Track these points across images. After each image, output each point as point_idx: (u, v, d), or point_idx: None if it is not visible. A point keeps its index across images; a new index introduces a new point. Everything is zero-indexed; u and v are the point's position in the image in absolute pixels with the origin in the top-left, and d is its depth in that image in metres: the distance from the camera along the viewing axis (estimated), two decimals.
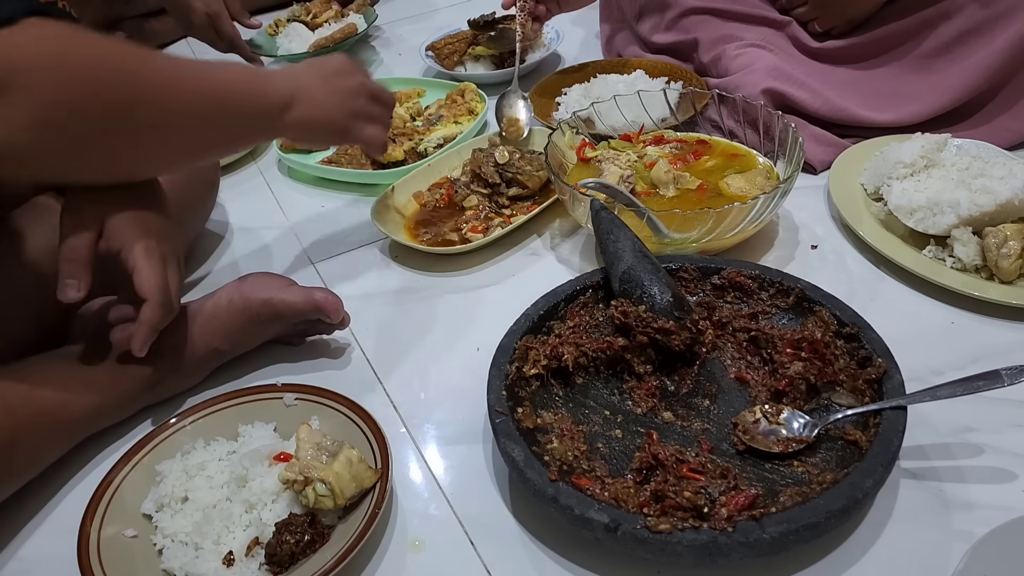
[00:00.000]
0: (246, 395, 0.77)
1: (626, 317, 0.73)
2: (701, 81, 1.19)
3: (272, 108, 0.77)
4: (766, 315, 0.78)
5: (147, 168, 0.74)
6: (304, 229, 1.08)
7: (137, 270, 0.70)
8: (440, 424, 0.78)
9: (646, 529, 0.56)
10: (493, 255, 0.98)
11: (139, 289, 0.70)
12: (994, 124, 1.05)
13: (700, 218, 0.84)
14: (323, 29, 1.56)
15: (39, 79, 0.60)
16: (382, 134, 0.88)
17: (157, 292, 0.70)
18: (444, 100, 1.31)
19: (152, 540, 0.67)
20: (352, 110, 0.84)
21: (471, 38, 1.42)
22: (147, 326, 0.71)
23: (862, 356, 0.70)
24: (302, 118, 0.79)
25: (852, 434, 0.65)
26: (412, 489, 0.72)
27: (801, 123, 1.07)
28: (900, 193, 0.89)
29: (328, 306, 0.82)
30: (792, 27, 1.19)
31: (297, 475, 0.65)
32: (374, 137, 0.87)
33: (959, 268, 0.85)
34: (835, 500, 0.57)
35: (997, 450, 0.68)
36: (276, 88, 0.78)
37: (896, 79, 1.11)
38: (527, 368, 0.72)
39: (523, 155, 1.04)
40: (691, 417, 0.70)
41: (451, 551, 0.66)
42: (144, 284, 0.70)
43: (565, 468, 0.65)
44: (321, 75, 0.83)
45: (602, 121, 1.06)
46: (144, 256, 0.70)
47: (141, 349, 0.72)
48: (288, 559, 0.63)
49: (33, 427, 0.69)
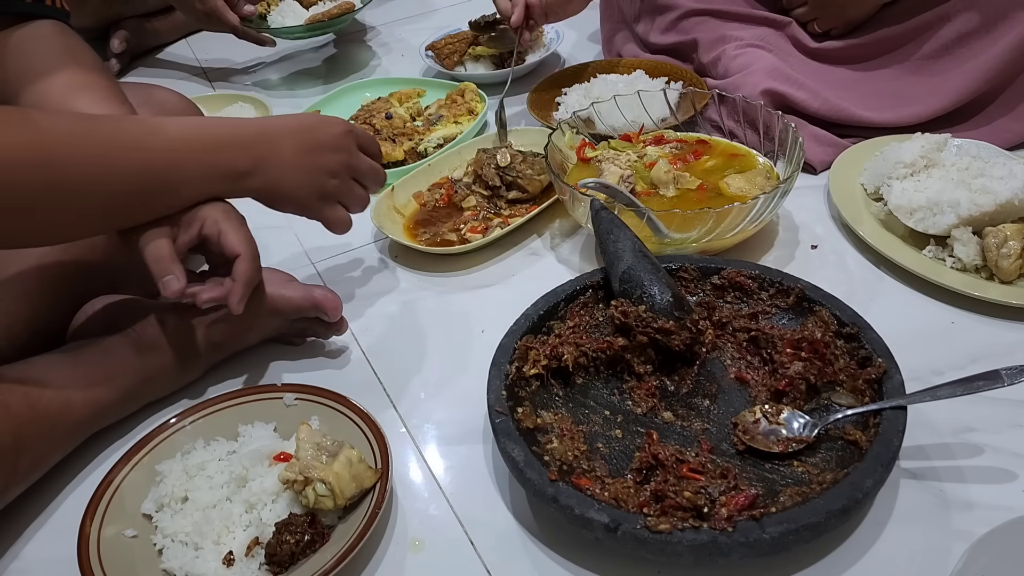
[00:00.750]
0: (246, 395, 0.77)
1: (626, 317, 0.73)
2: (701, 81, 1.19)
3: (226, 175, 0.73)
4: (766, 315, 0.78)
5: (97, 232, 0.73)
6: (304, 229, 1.07)
7: (223, 232, 0.71)
8: (440, 424, 0.78)
9: (646, 529, 0.56)
10: (493, 255, 0.98)
11: (230, 248, 0.71)
12: (994, 125, 1.05)
13: (700, 218, 0.84)
14: (318, 6, 1.53)
15: None
16: (346, 218, 0.83)
17: (247, 245, 0.72)
18: (444, 100, 1.31)
19: (152, 540, 0.67)
20: (321, 190, 0.79)
21: (471, 38, 1.42)
22: (243, 281, 0.71)
23: (862, 356, 0.70)
24: (261, 187, 0.76)
25: (852, 434, 0.65)
26: (412, 489, 0.72)
27: (801, 123, 1.07)
28: (900, 193, 0.89)
29: (327, 303, 0.82)
30: (792, 27, 1.19)
31: (297, 475, 0.65)
32: (335, 220, 0.82)
33: (959, 268, 0.85)
34: (835, 500, 0.57)
35: (997, 450, 0.68)
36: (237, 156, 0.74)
37: (896, 80, 1.11)
38: (527, 368, 0.72)
39: (525, 158, 1.04)
40: (691, 417, 0.70)
41: (451, 551, 0.66)
42: (235, 242, 0.71)
43: (565, 468, 0.65)
44: (299, 147, 0.77)
45: (602, 121, 1.07)
46: (226, 219, 0.72)
47: (239, 305, 0.71)
48: (288, 559, 0.63)
49: (37, 429, 0.69)
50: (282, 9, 1.53)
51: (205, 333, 0.81)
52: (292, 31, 1.46)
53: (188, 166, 0.71)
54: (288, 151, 0.76)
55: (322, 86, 1.48)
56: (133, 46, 1.61)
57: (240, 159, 0.74)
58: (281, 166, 0.76)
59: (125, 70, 1.61)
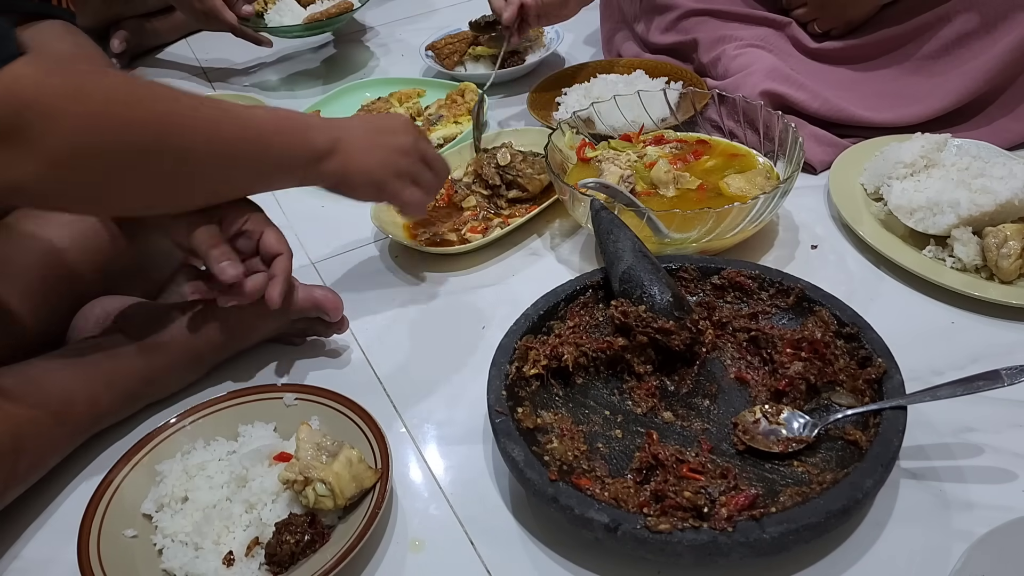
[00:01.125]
0: (246, 395, 0.77)
1: (626, 317, 0.73)
2: (701, 81, 1.19)
3: (311, 154, 0.75)
4: (766, 315, 0.78)
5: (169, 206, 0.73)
6: (304, 229, 1.07)
7: (266, 232, 0.77)
8: (440, 424, 0.78)
9: (646, 529, 0.56)
10: (493, 255, 0.98)
11: (273, 247, 0.76)
12: (994, 125, 1.05)
13: (700, 218, 0.84)
14: (316, 4, 1.52)
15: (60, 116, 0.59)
16: (422, 198, 0.84)
17: (287, 245, 0.77)
18: (444, 100, 1.31)
19: (152, 540, 0.67)
20: (396, 168, 0.81)
21: (471, 38, 1.42)
22: (283, 276, 0.76)
23: (862, 356, 0.70)
24: (339, 167, 0.77)
25: (852, 434, 0.65)
26: (412, 489, 0.72)
27: (801, 123, 1.07)
28: (900, 193, 0.89)
29: (328, 304, 0.83)
30: (792, 28, 1.19)
31: (297, 475, 0.65)
32: (413, 199, 0.83)
33: (959, 268, 0.85)
34: (835, 500, 0.57)
35: (997, 450, 0.68)
36: (317, 135, 0.76)
37: (896, 81, 1.11)
38: (527, 368, 0.72)
39: (525, 157, 1.04)
40: (691, 417, 0.70)
41: (451, 551, 0.66)
42: (277, 241, 0.77)
43: (565, 468, 0.65)
44: (369, 129, 0.81)
45: (602, 121, 1.06)
46: (266, 222, 0.77)
47: (279, 297, 0.75)
48: (288, 559, 0.63)
49: (36, 431, 0.69)
50: (280, 8, 1.51)
51: (206, 334, 0.81)
52: (290, 30, 1.45)
53: (276, 145, 0.73)
54: (360, 133, 0.80)
55: (322, 86, 1.48)
56: (133, 46, 1.61)
57: (319, 139, 0.76)
58: (356, 146, 0.78)
59: (125, 70, 1.61)
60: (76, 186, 0.63)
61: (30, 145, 0.58)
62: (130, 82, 0.66)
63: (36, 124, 0.58)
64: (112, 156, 0.63)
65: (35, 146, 0.58)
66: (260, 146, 0.73)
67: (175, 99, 0.67)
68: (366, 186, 0.80)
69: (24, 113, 0.57)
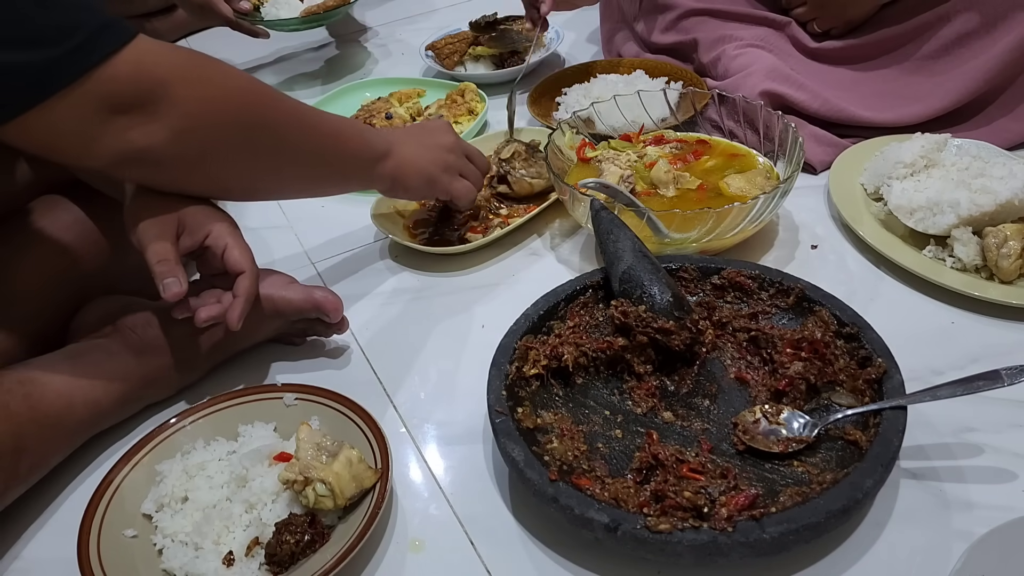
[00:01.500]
0: (246, 395, 0.77)
1: (626, 317, 0.73)
2: (701, 81, 1.19)
3: (372, 156, 0.83)
4: (766, 315, 0.78)
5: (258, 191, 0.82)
6: (304, 229, 1.08)
7: (229, 247, 0.73)
8: (440, 424, 0.78)
9: (646, 529, 0.56)
10: (493, 255, 0.98)
11: (235, 264, 0.73)
12: (994, 125, 1.05)
13: (700, 218, 0.84)
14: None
15: (183, 90, 0.65)
16: (472, 189, 0.93)
17: (252, 264, 0.74)
18: (444, 100, 1.31)
19: (152, 540, 0.67)
20: (444, 163, 0.89)
21: (471, 38, 1.42)
22: (245, 297, 0.73)
23: (862, 356, 0.70)
24: (395, 167, 0.85)
25: (852, 434, 0.65)
26: (412, 489, 0.72)
27: (801, 123, 1.07)
28: (900, 193, 0.89)
29: (328, 305, 0.82)
30: (791, 27, 1.19)
31: (297, 475, 0.65)
32: (463, 189, 0.92)
33: (959, 268, 0.85)
34: (835, 500, 0.57)
35: (997, 450, 0.68)
36: (375, 138, 0.84)
37: (896, 80, 1.11)
38: (527, 368, 0.72)
39: (527, 157, 1.04)
40: (691, 417, 0.70)
41: (451, 551, 0.66)
42: (240, 258, 0.73)
43: (565, 468, 0.65)
44: (415, 134, 0.90)
45: (602, 121, 1.06)
46: (231, 235, 0.74)
47: (238, 322, 0.73)
48: (288, 559, 0.63)
49: (37, 431, 0.69)
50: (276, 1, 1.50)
51: (206, 334, 0.81)
52: (287, 23, 1.44)
53: (348, 144, 0.81)
54: (408, 137, 0.88)
55: (321, 86, 1.48)
56: None
57: (378, 142, 0.84)
58: (407, 148, 0.87)
59: None
60: (193, 157, 0.69)
61: (160, 114, 0.64)
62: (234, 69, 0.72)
63: (167, 96, 0.64)
64: (223, 132, 0.70)
65: (165, 115, 0.65)
66: (338, 145, 0.80)
67: (272, 93, 0.74)
68: (419, 183, 0.88)
69: (156, 86, 0.64)
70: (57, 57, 0.58)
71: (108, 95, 0.62)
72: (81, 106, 0.61)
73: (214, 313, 0.73)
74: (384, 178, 0.85)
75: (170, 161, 0.68)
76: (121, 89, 0.62)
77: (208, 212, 0.74)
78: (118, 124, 0.63)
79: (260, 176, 0.77)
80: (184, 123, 0.66)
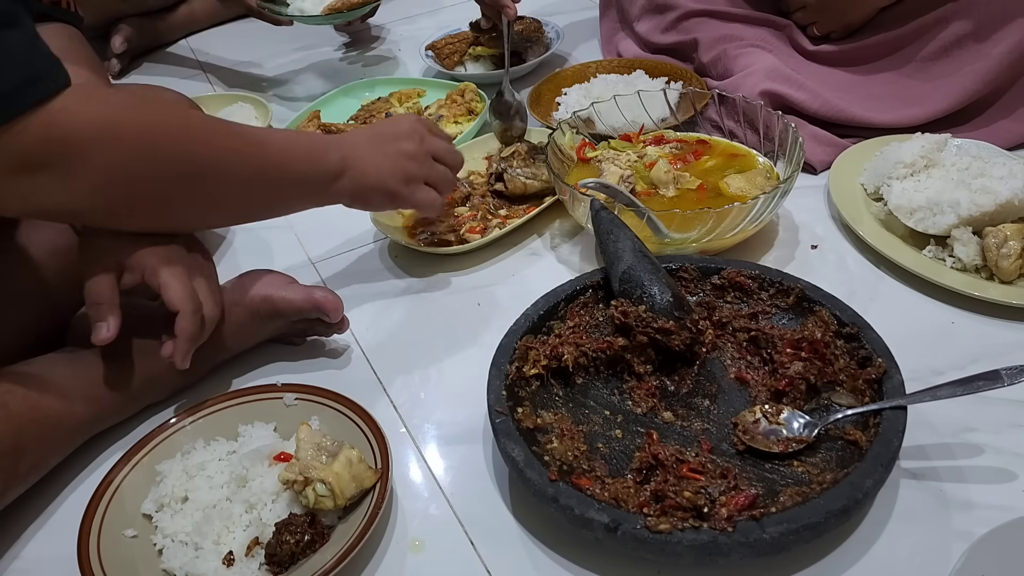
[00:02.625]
0: (246, 395, 0.77)
1: (626, 317, 0.73)
2: (701, 81, 1.19)
3: (324, 177, 0.79)
4: (766, 315, 0.78)
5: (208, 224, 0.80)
6: (304, 229, 1.08)
7: (163, 286, 0.71)
8: (440, 424, 0.78)
9: (646, 529, 0.56)
10: (493, 255, 0.98)
11: (169, 303, 0.71)
12: (994, 127, 1.05)
13: (700, 218, 0.84)
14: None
15: (95, 148, 0.63)
16: (437, 197, 0.87)
17: (186, 302, 0.71)
18: (444, 100, 1.31)
19: (152, 540, 0.67)
20: (405, 174, 0.84)
21: (471, 38, 1.42)
22: (184, 337, 0.72)
23: (862, 356, 0.70)
24: (352, 187, 0.81)
25: (852, 434, 0.65)
26: (412, 489, 0.72)
27: (801, 123, 1.07)
28: (900, 193, 0.89)
29: (328, 305, 0.82)
30: (791, 29, 1.19)
31: (297, 475, 0.65)
32: (426, 201, 0.86)
33: (959, 268, 0.85)
34: (835, 500, 0.57)
35: (997, 450, 0.68)
36: (329, 157, 0.79)
37: (895, 83, 1.11)
38: (527, 368, 0.72)
39: (527, 157, 1.04)
40: (691, 417, 0.70)
41: (451, 551, 0.66)
42: (173, 296, 0.71)
43: (565, 468, 0.65)
44: (376, 140, 0.84)
45: (602, 121, 1.06)
46: (168, 272, 0.72)
47: (183, 361, 0.72)
48: (288, 559, 0.63)
49: (37, 431, 0.69)
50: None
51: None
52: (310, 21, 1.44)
53: (297, 166, 0.77)
54: (366, 145, 0.82)
55: (322, 86, 1.48)
56: (134, 45, 1.61)
57: (331, 159, 0.79)
58: (364, 160, 0.81)
59: (126, 69, 1.61)
60: (119, 210, 0.68)
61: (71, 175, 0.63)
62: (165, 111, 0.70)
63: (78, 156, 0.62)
64: (148, 185, 0.68)
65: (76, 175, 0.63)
66: (287, 168, 0.77)
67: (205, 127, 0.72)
68: (380, 198, 0.84)
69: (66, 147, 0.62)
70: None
71: (15, 153, 0.60)
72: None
73: (166, 353, 0.73)
74: (342, 195, 0.81)
75: (93, 214, 0.68)
76: (28, 148, 0.60)
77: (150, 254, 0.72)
78: (24, 183, 0.61)
79: (204, 213, 0.75)
80: (99, 181, 0.64)
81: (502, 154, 1.04)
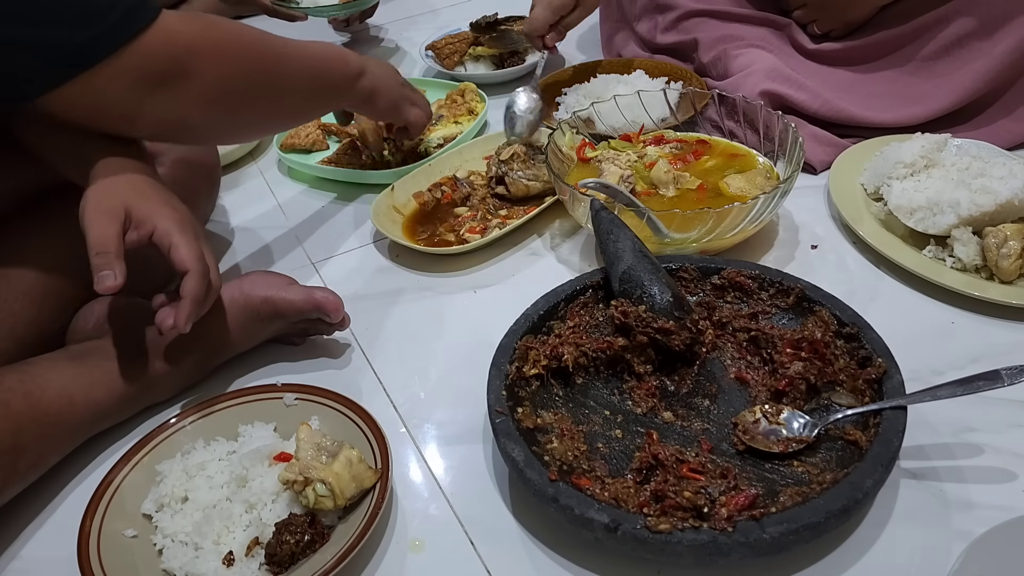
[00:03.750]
0: (246, 395, 0.77)
1: (626, 317, 0.73)
2: (701, 81, 1.19)
3: (351, 75, 0.91)
4: (766, 315, 0.78)
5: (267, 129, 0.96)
6: (304, 229, 1.08)
7: (174, 246, 0.70)
8: (440, 424, 0.78)
9: (646, 529, 0.56)
10: (493, 255, 0.98)
11: (179, 263, 0.70)
12: (995, 126, 1.05)
13: (700, 218, 0.84)
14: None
15: (209, 63, 0.71)
16: (424, 119, 1.03)
17: (197, 262, 0.70)
18: (444, 100, 1.31)
19: (152, 540, 0.67)
20: (402, 93, 1.00)
21: (471, 39, 1.42)
22: (191, 298, 0.70)
23: (862, 356, 0.70)
24: (369, 86, 0.92)
25: (852, 434, 0.65)
26: (412, 489, 0.72)
27: (801, 123, 1.07)
28: (900, 193, 0.89)
29: (328, 305, 0.82)
30: (792, 28, 1.19)
31: (297, 475, 0.65)
32: (419, 118, 1.02)
33: (959, 268, 0.85)
34: (835, 500, 0.57)
35: (997, 450, 0.68)
36: (351, 59, 0.91)
37: (895, 82, 1.11)
38: (527, 368, 0.72)
39: (526, 159, 1.04)
40: (691, 417, 0.70)
41: (451, 551, 0.66)
42: (184, 256, 0.70)
43: (565, 468, 0.65)
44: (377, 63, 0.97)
45: (602, 121, 1.06)
46: (179, 232, 0.70)
47: (186, 324, 0.70)
48: (288, 559, 0.63)
49: (36, 430, 0.69)
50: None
51: (206, 336, 0.80)
52: (325, 11, 1.48)
53: (332, 66, 0.88)
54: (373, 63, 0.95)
55: None
56: None
57: (353, 62, 0.91)
58: (377, 71, 0.95)
59: None
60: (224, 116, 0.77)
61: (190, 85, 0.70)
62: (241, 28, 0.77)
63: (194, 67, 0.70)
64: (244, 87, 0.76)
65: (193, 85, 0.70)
66: (325, 68, 0.87)
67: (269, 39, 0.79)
68: (387, 104, 0.97)
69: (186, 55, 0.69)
70: (96, 34, 0.64)
71: (144, 68, 0.67)
72: (120, 78, 0.66)
73: (169, 322, 0.70)
74: (360, 93, 0.92)
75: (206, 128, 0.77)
76: (152, 62, 0.67)
77: (156, 206, 0.71)
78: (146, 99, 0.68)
79: (269, 118, 0.85)
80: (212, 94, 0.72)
81: (500, 156, 1.04)
